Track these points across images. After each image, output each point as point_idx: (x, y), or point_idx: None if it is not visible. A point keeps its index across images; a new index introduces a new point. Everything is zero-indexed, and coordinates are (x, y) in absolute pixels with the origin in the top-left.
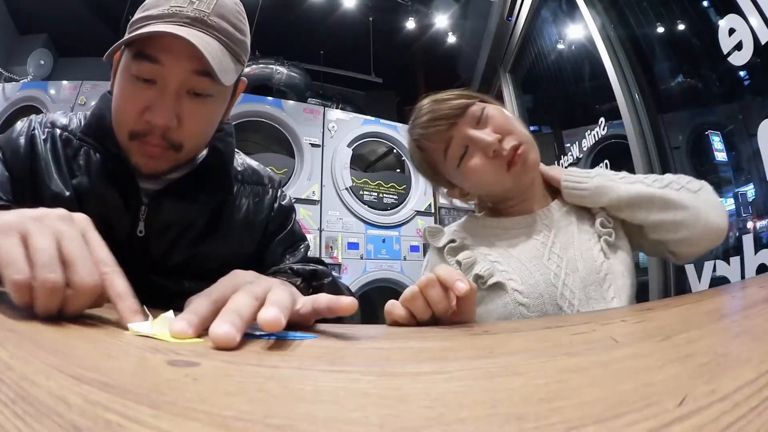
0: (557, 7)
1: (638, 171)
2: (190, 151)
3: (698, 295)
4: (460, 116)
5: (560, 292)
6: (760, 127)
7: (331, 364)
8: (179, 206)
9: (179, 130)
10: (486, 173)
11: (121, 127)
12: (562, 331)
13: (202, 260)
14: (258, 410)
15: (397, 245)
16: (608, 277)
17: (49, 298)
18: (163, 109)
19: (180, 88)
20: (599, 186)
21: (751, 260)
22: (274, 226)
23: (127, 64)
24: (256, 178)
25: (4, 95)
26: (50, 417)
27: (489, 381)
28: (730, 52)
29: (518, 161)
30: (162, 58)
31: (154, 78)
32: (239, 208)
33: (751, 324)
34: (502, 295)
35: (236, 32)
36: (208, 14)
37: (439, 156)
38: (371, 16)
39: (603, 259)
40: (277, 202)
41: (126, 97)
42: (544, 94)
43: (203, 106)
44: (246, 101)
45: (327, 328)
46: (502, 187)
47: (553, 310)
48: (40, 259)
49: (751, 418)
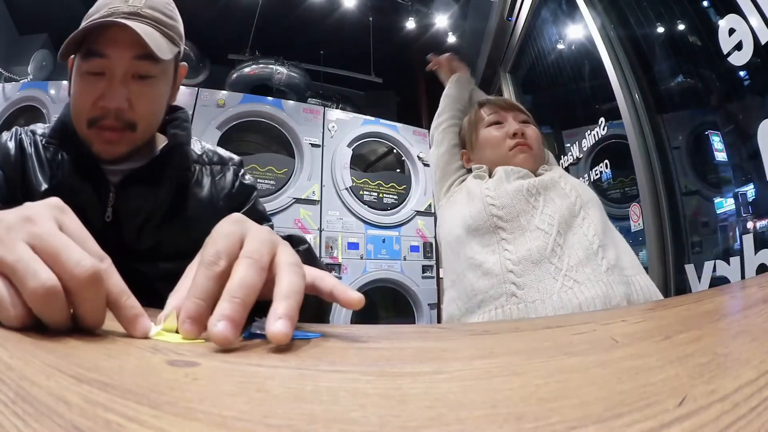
0: (557, 7)
1: (638, 171)
2: (144, 130)
3: (698, 295)
4: (517, 111)
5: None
6: (760, 127)
7: (331, 364)
8: (143, 190)
9: (131, 111)
10: (497, 139)
11: (80, 118)
12: (562, 331)
13: (172, 241)
14: (258, 410)
15: (397, 245)
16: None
17: (49, 307)
18: (114, 94)
19: (125, 74)
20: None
21: (751, 260)
22: (236, 203)
23: (79, 64)
24: (216, 159)
25: (4, 95)
26: (50, 417)
27: (489, 381)
28: (730, 52)
29: (519, 148)
30: (107, 51)
31: (103, 70)
32: (202, 188)
33: (751, 324)
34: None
35: (167, 19)
36: (141, 8)
37: (482, 120)
38: (371, 16)
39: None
40: (238, 180)
41: (81, 92)
42: (544, 94)
43: (149, 87)
44: (246, 101)
45: (328, 328)
46: (497, 155)
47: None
48: (18, 273)
49: (751, 418)
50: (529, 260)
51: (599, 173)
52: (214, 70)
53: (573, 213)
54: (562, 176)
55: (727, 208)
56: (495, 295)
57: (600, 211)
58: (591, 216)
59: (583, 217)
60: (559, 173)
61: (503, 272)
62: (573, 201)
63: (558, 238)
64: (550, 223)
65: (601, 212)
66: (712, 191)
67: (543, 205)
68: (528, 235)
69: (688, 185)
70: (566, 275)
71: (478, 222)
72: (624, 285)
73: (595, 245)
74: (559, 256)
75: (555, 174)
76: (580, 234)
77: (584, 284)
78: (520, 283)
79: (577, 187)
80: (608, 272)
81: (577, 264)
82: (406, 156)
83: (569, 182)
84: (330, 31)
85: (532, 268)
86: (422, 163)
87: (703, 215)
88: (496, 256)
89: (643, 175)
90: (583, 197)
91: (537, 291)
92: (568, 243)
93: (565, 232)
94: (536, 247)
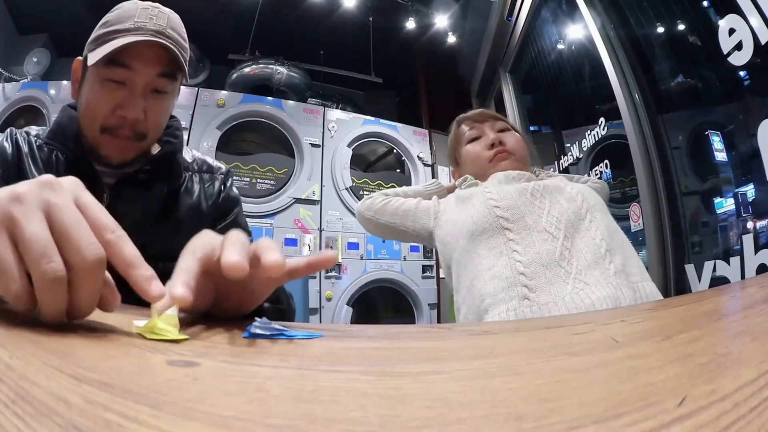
0: (557, 7)
1: (638, 171)
2: (151, 139)
3: (698, 295)
4: (492, 120)
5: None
6: (760, 127)
7: (331, 364)
8: (136, 193)
9: (144, 122)
10: (477, 152)
11: (93, 122)
12: (562, 331)
13: (160, 243)
14: (258, 410)
15: (397, 245)
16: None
17: (53, 294)
18: (134, 106)
19: (146, 87)
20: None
21: (751, 260)
22: (221, 211)
23: (100, 71)
24: (206, 167)
25: (4, 95)
26: (50, 417)
27: (489, 381)
28: (730, 52)
29: (498, 156)
30: (133, 64)
31: (125, 80)
32: (191, 195)
33: (751, 324)
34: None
35: (183, 42)
36: (165, 28)
37: (462, 137)
38: (371, 16)
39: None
40: (225, 191)
41: (98, 97)
42: (544, 94)
43: (163, 102)
44: (246, 101)
45: (328, 328)
46: (479, 167)
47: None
48: (33, 251)
49: (751, 418)
50: (539, 263)
51: (599, 173)
52: (214, 70)
53: (580, 216)
54: (566, 183)
55: (727, 208)
56: (506, 298)
57: (606, 215)
58: (598, 219)
59: (590, 221)
60: (564, 181)
61: (514, 274)
62: (579, 204)
63: (566, 242)
64: (557, 226)
65: (607, 216)
66: (712, 191)
67: (549, 206)
68: (536, 236)
69: (688, 185)
70: (576, 278)
71: (483, 225)
72: (631, 290)
73: (602, 249)
74: (568, 260)
75: (560, 181)
76: (588, 238)
77: (594, 286)
78: (532, 285)
79: (583, 191)
80: (616, 276)
81: (586, 267)
82: (406, 156)
83: (575, 187)
84: (330, 31)
85: (542, 271)
86: (422, 163)
87: (703, 215)
88: (505, 258)
89: (643, 175)
90: (589, 201)
91: (549, 294)
92: (576, 247)
93: (572, 235)
94: (545, 251)
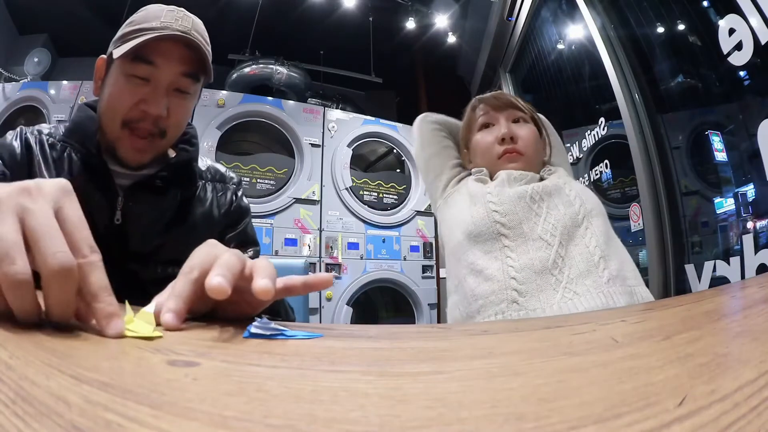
0: (557, 7)
1: (638, 171)
2: (170, 139)
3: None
4: (511, 108)
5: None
6: (760, 127)
7: (331, 364)
8: (151, 197)
9: (166, 119)
10: (487, 144)
11: (114, 116)
12: (562, 331)
13: (171, 248)
14: (258, 410)
15: (397, 245)
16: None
17: (15, 296)
18: (157, 102)
19: (170, 86)
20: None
21: (751, 260)
22: (230, 220)
23: (124, 66)
24: (219, 176)
25: (4, 95)
26: (50, 417)
27: (489, 381)
28: (730, 52)
29: (507, 157)
30: (158, 61)
31: (149, 77)
32: (203, 202)
33: (751, 324)
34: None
35: (207, 45)
36: (190, 30)
37: (474, 123)
38: (371, 16)
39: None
40: (236, 201)
41: (122, 91)
42: (544, 94)
43: (185, 102)
44: (246, 101)
45: (328, 328)
46: (487, 161)
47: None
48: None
49: (751, 418)
50: (531, 269)
51: (599, 173)
52: (214, 70)
53: (576, 223)
54: (566, 182)
55: (727, 208)
56: (496, 301)
57: (603, 220)
58: (594, 226)
59: (586, 227)
60: (564, 179)
61: (506, 278)
62: (577, 210)
63: (560, 250)
64: (552, 234)
65: (604, 221)
66: (712, 191)
67: (546, 212)
68: (530, 244)
69: (688, 185)
70: (566, 287)
71: (481, 228)
72: (627, 295)
73: (596, 257)
74: (560, 268)
75: (559, 180)
76: (582, 245)
77: (584, 296)
78: (523, 290)
79: (582, 194)
80: (609, 283)
81: (577, 276)
82: (406, 156)
83: (574, 189)
84: (330, 31)
85: (534, 278)
86: None
87: (703, 215)
88: (499, 263)
89: (643, 175)
90: (587, 205)
91: (538, 300)
92: (570, 255)
93: (567, 243)
94: (539, 258)
